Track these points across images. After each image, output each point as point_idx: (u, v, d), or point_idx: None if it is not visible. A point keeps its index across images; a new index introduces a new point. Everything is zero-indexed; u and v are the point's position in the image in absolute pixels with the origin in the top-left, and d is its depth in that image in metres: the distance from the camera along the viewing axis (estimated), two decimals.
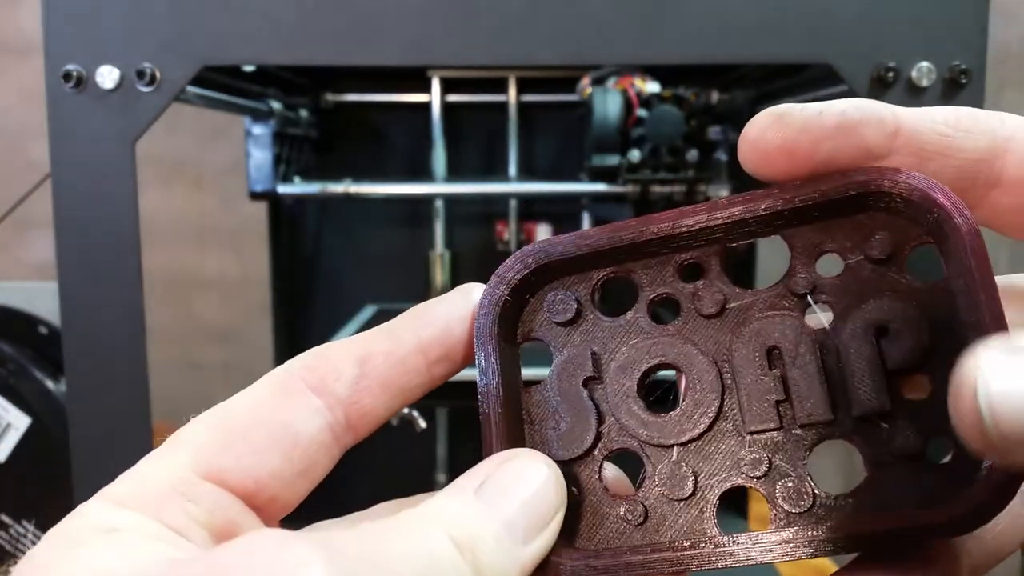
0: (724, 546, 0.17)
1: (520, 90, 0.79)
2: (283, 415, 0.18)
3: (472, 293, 0.19)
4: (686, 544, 0.18)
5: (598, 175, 0.67)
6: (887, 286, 0.17)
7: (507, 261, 0.19)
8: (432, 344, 0.19)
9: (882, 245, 0.17)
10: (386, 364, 0.19)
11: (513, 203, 0.82)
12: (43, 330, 0.76)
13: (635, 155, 0.65)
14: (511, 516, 0.17)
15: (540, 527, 0.18)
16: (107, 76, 0.45)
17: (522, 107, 0.79)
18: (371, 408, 0.19)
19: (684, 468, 0.18)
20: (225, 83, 0.61)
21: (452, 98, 0.80)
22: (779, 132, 0.18)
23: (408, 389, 0.19)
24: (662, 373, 0.19)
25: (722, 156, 0.69)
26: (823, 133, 0.18)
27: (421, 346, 0.19)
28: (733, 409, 0.18)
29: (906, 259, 0.17)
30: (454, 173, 0.81)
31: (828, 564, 0.76)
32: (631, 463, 0.19)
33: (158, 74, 0.45)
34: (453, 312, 0.19)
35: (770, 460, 0.18)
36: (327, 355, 0.19)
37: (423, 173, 0.82)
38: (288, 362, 0.19)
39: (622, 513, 0.18)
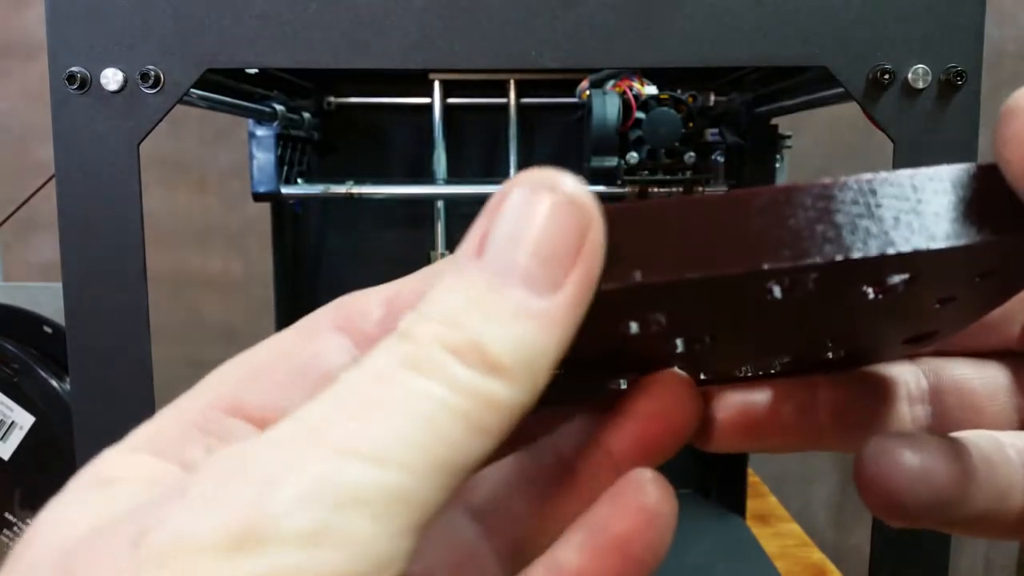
0: None
1: (520, 93, 0.79)
2: (308, 350, 0.17)
3: None
4: None
5: (597, 176, 0.67)
6: None
7: None
8: None
9: None
10: (415, 298, 0.18)
11: None
12: (48, 330, 0.77)
13: (633, 157, 0.65)
14: (525, 267, 0.14)
15: (570, 262, 0.14)
16: (111, 78, 0.45)
17: (522, 109, 0.80)
18: None
19: None
20: (229, 86, 0.61)
21: (453, 100, 0.80)
22: None
23: None
24: None
25: (719, 157, 0.69)
26: None
27: None
28: None
29: None
30: (455, 174, 0.81)
31: (829, 565, 0.76)
32: None
33: (162, 77, 0.45)
34: None
35: None
36: (355, 298, 0.18)
37: (424, 174, 0.82)
38: (317, 309, 0.18)
39: None
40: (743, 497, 0.81)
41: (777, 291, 0.16)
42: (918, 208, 0.16)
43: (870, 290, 0.17)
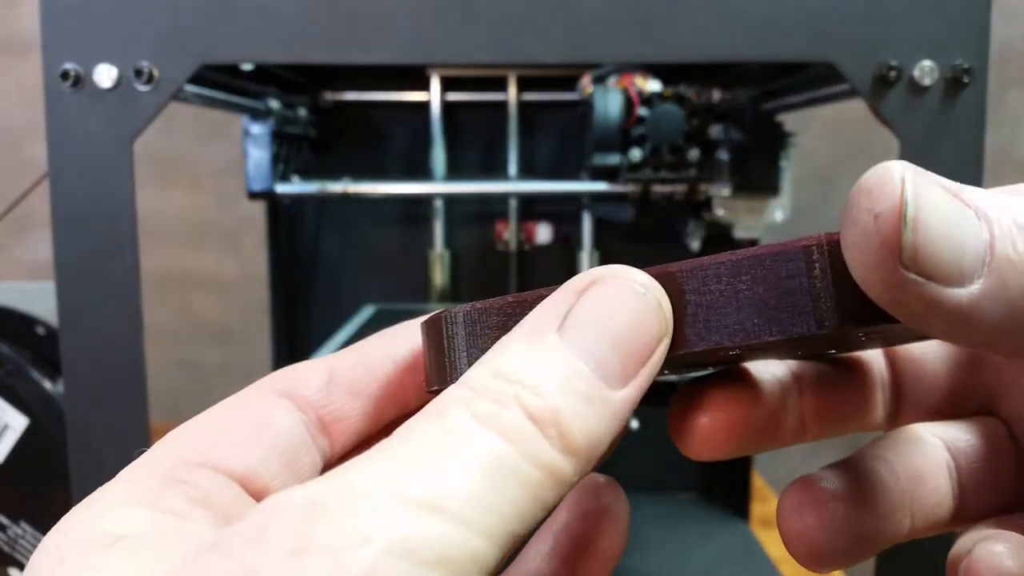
0: None
1: (520, 89, 0.78)
2: (257, 411, 0.18)
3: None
4: None
5: (599, 174, 0.66)
6: None
7: None
8: (402, 352, 0.19)
9: None
10: (353, 371, 0.19)
11: (513, 202, 0.81)
12: (40, 330, 0.76)
13: (636, 154, 0.64)
14: (603, 356, 0.14)
15: (640, 363, 0.15)
16: (105, 75, 0.45)
17: (522, 106, 0.79)
18: (344, 413, 0.19)
19: None
20: (223, 82, 0.61)
21: (451, 97, 0.80)
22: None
23: (381, 397, 0.19)
24: None
25: (724, 155, 0.69)
26: None
27: (390, 354, 0.19)
28: None
29: None
30: (453, 172, 0.81)
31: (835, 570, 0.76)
32: None
33: (156, 73, 0.45)
34: None
35: None
36: (296, 367, 0.19)
37: (422, 172, 0.81)
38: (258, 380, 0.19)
39: None
40: (747, 501, 0.80)
41: None
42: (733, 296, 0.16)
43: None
